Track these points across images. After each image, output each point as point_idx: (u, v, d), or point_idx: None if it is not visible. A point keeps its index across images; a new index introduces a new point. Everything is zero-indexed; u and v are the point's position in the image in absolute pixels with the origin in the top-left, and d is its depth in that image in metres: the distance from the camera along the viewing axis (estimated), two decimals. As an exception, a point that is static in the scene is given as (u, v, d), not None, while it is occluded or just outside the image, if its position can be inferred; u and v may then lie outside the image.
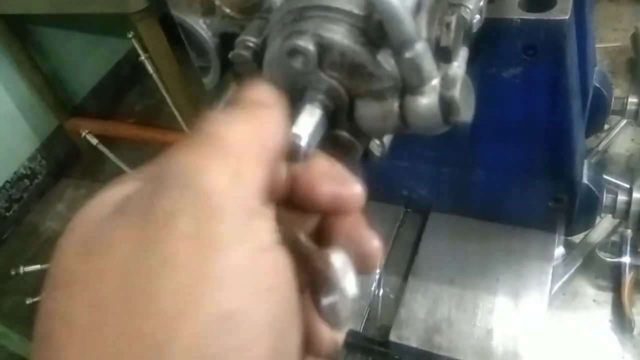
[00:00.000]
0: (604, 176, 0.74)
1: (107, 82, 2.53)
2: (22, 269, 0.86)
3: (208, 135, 0.21)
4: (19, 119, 2.16)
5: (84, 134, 0.89)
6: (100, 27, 2.38)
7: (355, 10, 0.26)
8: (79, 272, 0.19)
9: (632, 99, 0.82)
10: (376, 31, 0.25)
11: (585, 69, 0.74)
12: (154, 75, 0.89)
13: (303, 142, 0.25)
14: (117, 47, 2.55)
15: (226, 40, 0.34)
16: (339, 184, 0.24)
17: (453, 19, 0.28)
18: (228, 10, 0.32)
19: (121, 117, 2.49)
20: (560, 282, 0.73)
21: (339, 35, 0.26)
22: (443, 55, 0.28)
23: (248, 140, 0.21)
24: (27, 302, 0.84)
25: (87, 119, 2.27)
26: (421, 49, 0.24)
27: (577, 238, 0.77)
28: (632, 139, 0.89)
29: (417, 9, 0.27)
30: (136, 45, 0.89)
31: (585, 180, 0.69)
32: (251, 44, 0.30)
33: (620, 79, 0.99)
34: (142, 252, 0.18)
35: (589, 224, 0.74)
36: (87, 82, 2.46)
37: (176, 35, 0.38)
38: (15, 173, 2.18)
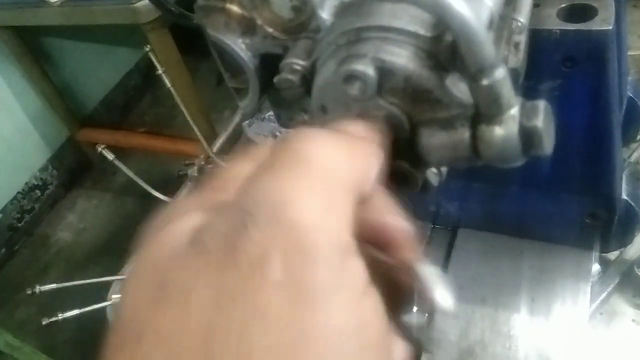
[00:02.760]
0: (642, 190, 0.71)
1: (118, 92, 2.53)
2: (37, 289, 0.84)
3: (297, 156, 0.18)
4: (30, 130, 2.15)
5: (100, 149, 0.87)
6: (110, 38, 2.38)
7: (421, 31, 0.24)
8: (152, 323, 0.16)
9: (666, 109, 0.79)
10: (446, 54, 0.23)
11: (620, 79, 0.71)
12: (171, 88, 0.87)
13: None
14: (127, 57, 2.54)
15: (267, 62, 0.31)
16: (388, 216, 0.22)
17: (522, 38, 0.26)
18: (270, 30, 0.30)
19: (132, 127, 2.48)
20: (597, 302, 0.70)
21: (403, 58, 0.23)
22: (511, 77, 0.25)
23: (342, 169, 0.18)
24: (44, 322, 0.82)
25: (98, 129, 2.26)
26: (501, 76, 0.22)
27: (612, 254, 0.74)
28: (665, 150, 0.86)
29: (490, 28, 0.24)
30: (153, 59, 0.87)
31: (624, 195, 0.66)
32: (299, 68, 0.27)
33: (650, 88, 0.95)
34: (227, 302, 0.15)
35: (626, 240, 0.71)
36: (97, 92, 2.45)
37: (186, 45, 0.36)
38: (26, 184, 2.17)
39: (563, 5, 0.54)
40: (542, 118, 0.22)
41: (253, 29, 0.30)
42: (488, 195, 0.70)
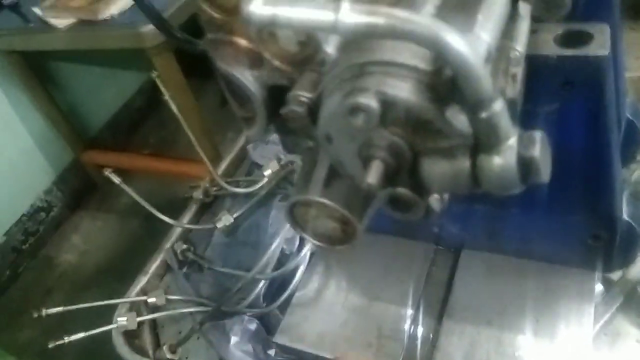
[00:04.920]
0: (642, 210, 0.72)
1: (122, 115, 2.56)
2: (44, 312, 0.84)
3: None
4: (35, 152, 2.17)
5: (106, 172, 0.88)
6: (115, 61, 2.41)
7: (422, 66, 0.25)
8: None
9: (665, 130, 0.80)
10: (446, 87, 0.24)
11: (618, 101, 0.72)
12: (178, 114, 0.88)
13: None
14: (132, 80, 2.58)
15: (274, 93, 0.32)
16: None
17: (519, 70, 0.27)
18: (277, 63, 0.31)
19: (136, 149, 2.51)
20: (602, 322, 0.70)
21: (405, 92, 0.25)
22: (509, 107, 0.26)
23: None
24: (50, 345, 0.82)
25: (102, 152, 2.29)
26: (499, 108, 0.23)
27: (615, 275, 0.74)
28: (665, 170, 0.86)
29: (487, 61, 0.25)
30: (159, 84, 0.88)
31: (625, 216, 0.66)
32: (305, 99, 0.29)
33: (648, 108, 0.96)
34: None
35: (628, 260, 0.71)
36: (102, 115, 2.48)
37: (190, 68, 0.37)
38: (31, 205, 2.19)
39: (560, 31, 0.55)
40: (539, 148, 0.23)
41: (260, 61, 0.32)
42: (491, 217, 0.71)
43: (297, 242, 0.83)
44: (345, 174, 0.30)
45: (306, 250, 0.80)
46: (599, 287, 0.71)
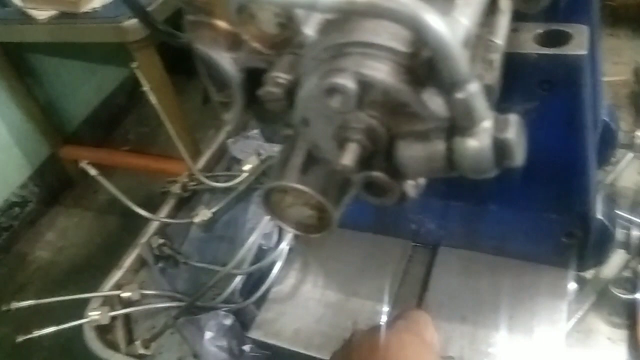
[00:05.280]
0: (616, 211, 0.73)
1: (102, 110, 2.52)
2: (13, 306, 0.83)
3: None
4: (11, 146, 2.13)
5: (82, 164, 0.87)
6: (96, 56, 2.38)
7: (400, 47, 0.25)
8: None
9: (640, 133, 0.81)
10: (424, 69, 0.24)
11: (595, 103, 0.73)
12: (157, 105, 0.87)
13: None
14: (113, 75, 2.55)
15: (252, 76, 0.32)
16: None
17: (496, 56, 0.27)
18: (256, 45, 0.31)
19: (115, 145, 2.47)
20: (574, 320, 0.71)
21: (382, 73, 0.25)
22: (486, 93, 0.27)
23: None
24: (18, 339, 0.80)
25: (81, 147, 2.25)
26: (474, 90, 0.23)
27: (588, 274, 0.75)
28: (639, 173, 0.88)
29: (465, 46, 0.25)
30: (139, 76, 0.87)
31: (599, 215, 0.67)
32: (283, 81, 0.28)
33: (624, 113, 0.99)
34: None
35: (601, 259, 0.72)
36: (81, 110, 2.44)
37: (173, 64, 0.37)
38: (5, 201, 2.14)
39: (540, 30, 0.56)
40: (514, 130, 0.24)
41: (239, 44, 0.31)
42: (468, 214, 0.71)
43: (274, 238, 0.83)
44: (322, 159, 0.30)
45: (284, 246, 0.79)
46: (572, 286, 0.72)
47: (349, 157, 0.25)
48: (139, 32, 1.52)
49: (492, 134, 0.24)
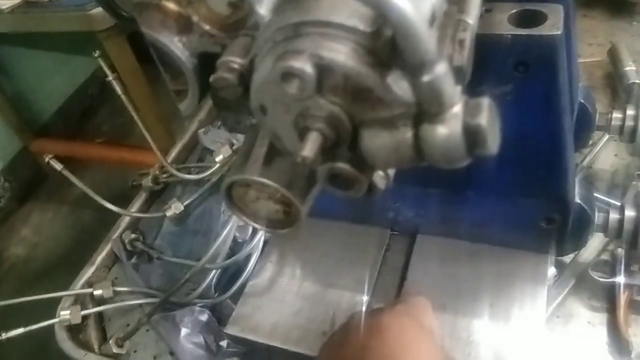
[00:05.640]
0: (594, 194, 0.72)
1: (74, 102, 2.46)
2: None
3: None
4: (-21, 142, 2.07)
5: (47, 158, 0.84)
6: (66, 46, 2.31)
7: (360, 26, 0.22)
8: None
9: (616, 114, 0.80)
10: (386, 50, 0.22)
11: (571, 85, 0.72)
12: (122, 96, 0.84)
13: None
14: (84, 66, 2.48)
15: (206, 61, 0.30)
16: None
17: (467, 35, 0.25)
18: (207, 27, 0.28)
19: (89, 137, 2.42)
20: (554, 305, 0.70)
21: (342, 55, 0.22)
22: (457, 76, 0.25)
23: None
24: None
25: (53, 140, 2.19)
26: (442, 71, 0.21)
27: (567, 258, 0.75)
28: (616, 155, 0.88)
29: (431, 24, 0.23)
30: (102, 65, 0.84)
31: (577, 199, 0.66)
32: (236, 66, 0.26)
33: (600, 94, 0.98)
34: None
35: (580, 243, 0.72)
36: (52, 102, 2.38)
37: (145, 53, 0.35)
38: (-24, 197, 2.09)
39: (514, 10, 0.54)
40: (486, 116, 0.22)
41: (190, 26, 0.29)
42: (445, 201, 0.70)
43: (250, 230, 0.80)
44: (284, 150, 0.27)
45: (259, 238, 0.77)
46: (552, 271, 0.71)
47: (309, 148, 0.23)
48: (106, 20, 1.48)
49: (462, 119, 0.22)
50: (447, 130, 0.22)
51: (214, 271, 0.76)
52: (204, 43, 0.29)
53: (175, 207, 0.83)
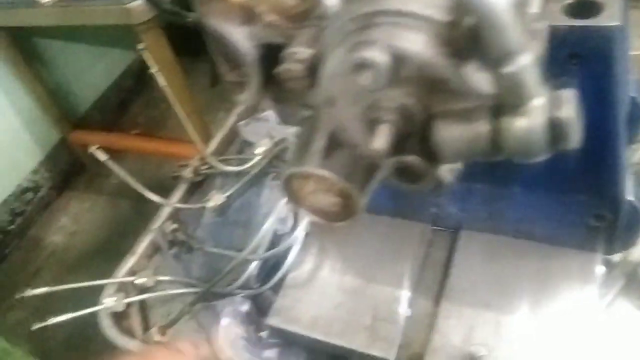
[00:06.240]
0: (646, 191, 0.70)
1: (111, 94, 2.50)
2: (28, 293, 0.82)
3: None
4: (21, 132, 2.12)
5: (93, 149, 0.85)
6: (104, 39, 2.35)
7: (437, 16, 0.22)
8: None
9: (669, 109, 0.77)
10: (465, 40, 0.21)
11: (624, 78, 0.70)
12: (166, 88, 0.85)
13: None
14: (121, 58, 2.52)
15: (267, 52, 0.29)
16: None
17: (542, 26, 0.24)
18: (272, 18, 0.28)
19: (125, 129, 2.46)
20: (604, 304, 0.68)
21: (417, 45, 0.22)
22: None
23: None
24: (34, 327, 0.80)
25: (90, 132, 2.24)
26: (527, 62, 0.20)
27: (616, 256, 0.72)
28: (667, 150, 0.84)
29: (515, 13, 0.22)
30: (147, 58, 0.85)
31: (629, 197, 0.64)
32: (304, 57, 0.26)
33: (651, 88, 0.94)
34: None
35: (630, 242, 0.69)
36: (90, 94, 2.43)
37: (180, 46, 0.34)
38: (18, 186, 2.14)
39: (569, 1, 0.52)
40: (571, 108, 0.21)
41: (254, 17, 0.29)
42: (491, 196, 0.68)
43: (290, 222, 0.81)
44: (348, 142, 0.27)
45: (300, 231, 0.77)
46: (600, 269, 0.69)
47: (381, 140, 0.22)
48: (145, 13, 1.49)
49: (545, 112, 0.21)
50: (529, 122, 0.21)
51: (254, 262, 0.77)
52: (268, 34, 0.29)
53: (216, 199, 0.84)
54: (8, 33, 1.90)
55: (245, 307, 0.76)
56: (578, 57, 0.54)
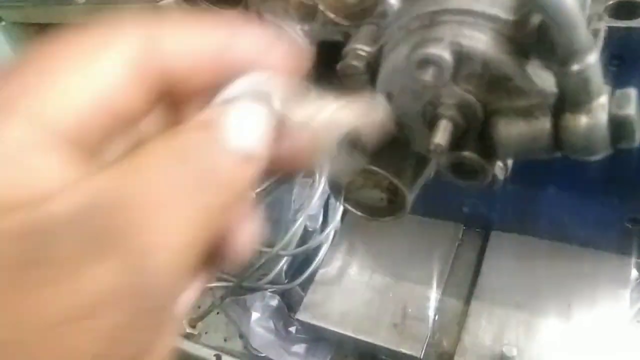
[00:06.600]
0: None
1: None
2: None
3: None
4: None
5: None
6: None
7: (502, 15, 0.22)
8: None
9: None
10: (531, 39, 0.22)
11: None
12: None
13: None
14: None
15: (323, 50, 0.30)
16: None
17: (602, 25, 0.24)
18: (332, 16, 0.29)
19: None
20: (636, 308, 0.68)
21: (482, 43, 0.22)
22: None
23: None
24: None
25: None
26: (593, 60, 0.20)
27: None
28: (703, 155, 0.83)
29: (582, 12, 0.23)
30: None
31: (666, 200, 0.64)
32: (364, 53, 0.26)
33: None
34: None
35: (665, 246, 0.69)
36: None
37: None
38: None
39: (610, 1, 0.52)
40: (635, 106, 0.21)
41: (313, 14, 0.29)
42: (524, 197, 0.68)
43: (320, 219, 0.81)
44: (402, 138, 0.28)
45: (330, 228, 0.78)
46: (634, 273, 0.69)
47: (441, 136, 0.23)
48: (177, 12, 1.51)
49: (609, 110, 0.21)
50: (592, 120, 0.21)
51: (285, 258, 0.78)
52: (326, 31, 0.29)
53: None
54: (41, 29, 1.94)
55: (274, 302, 0.77)
56: (619, 58, 0.53)
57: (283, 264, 0.78)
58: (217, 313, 0.80)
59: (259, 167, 0.18)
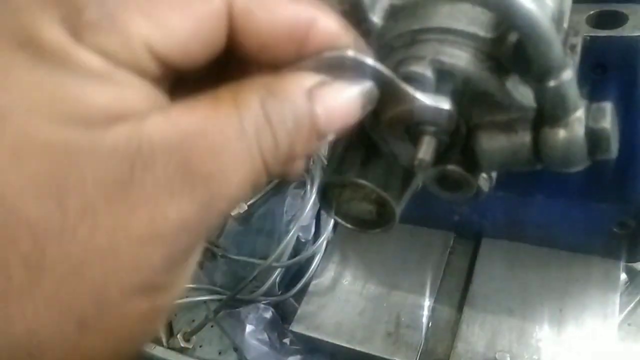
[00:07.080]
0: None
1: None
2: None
3: None
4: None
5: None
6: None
7: (481, 33, 0.23)
8: None
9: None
10: (508, 56, 0.22)
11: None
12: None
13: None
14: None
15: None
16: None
17: (579, 40, 0.25)
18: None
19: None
20: (625, 312, 0.69)
21: (463, 60, 0.23)
22: (571, 80, 0.25)
23: None
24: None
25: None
26: (568, 77, 0.21)
27: (638, 265, 0.73)
28: (688, 159, 0.84)
29: (557, 29, 0.23)
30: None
31: (652, 204, 0.65)
32: (348, 71, 0.27)
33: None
34: None
35: (653, 249, 0.70)
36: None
37: None
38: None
39: (592, 11, 0.53)
40: (610, 120, 0.22)
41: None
42: (513, 204, 0.69)
43: (312, 230, 0.82)
44: (388, 152, 0.28)
45: (323, 239, 0.78)
46: (623, 277, 0.70)
47: (425, 151, 0.24)
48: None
49: (585, 123, 0.22)
50: (569, 134, 0.22)
51: (278, 270, 0.78)
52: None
53: (239, 207, 0.85)
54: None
55: (268, 314, 0.77)
56: (602, 67, 0.54)
57: (276, 275, 0.78)
58: (212, 326, 0.80)
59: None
